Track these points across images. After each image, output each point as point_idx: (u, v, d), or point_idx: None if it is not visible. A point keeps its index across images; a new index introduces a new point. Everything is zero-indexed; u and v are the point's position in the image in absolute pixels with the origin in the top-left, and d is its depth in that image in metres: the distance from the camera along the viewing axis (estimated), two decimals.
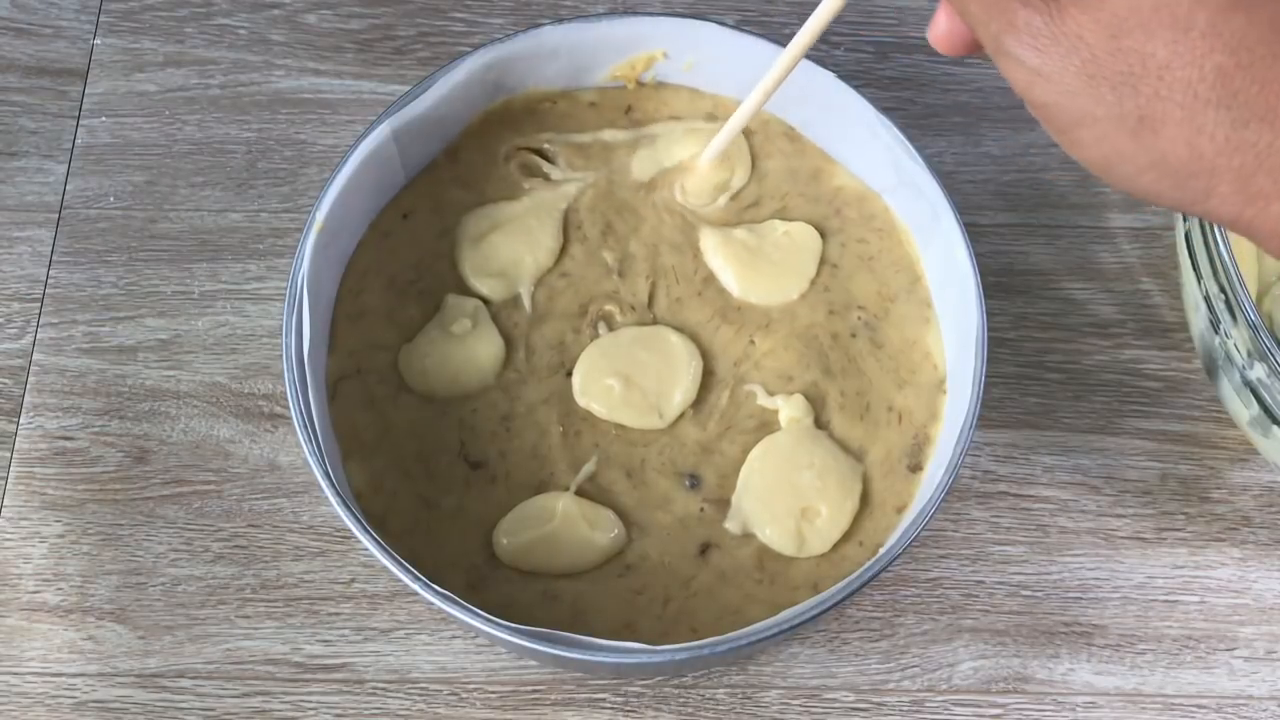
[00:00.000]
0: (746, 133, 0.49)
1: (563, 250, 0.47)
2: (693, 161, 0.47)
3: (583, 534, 0.43)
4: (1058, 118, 0.28)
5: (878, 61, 0.56)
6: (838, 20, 0.39)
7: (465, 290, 0.46)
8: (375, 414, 0.44)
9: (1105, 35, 0.27)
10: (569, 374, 0.45)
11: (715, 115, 0.49)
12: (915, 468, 0.44)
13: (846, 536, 0.43)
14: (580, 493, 0.44)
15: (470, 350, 0.45)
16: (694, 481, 0.44)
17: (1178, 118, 0.26)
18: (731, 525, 0.43)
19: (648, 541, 0.43)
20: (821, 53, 0.55)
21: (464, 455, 0.44)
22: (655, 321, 0.46)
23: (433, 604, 0.39)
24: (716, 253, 0.47)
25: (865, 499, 0.44)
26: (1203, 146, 0.27)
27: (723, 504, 0.44)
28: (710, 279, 0.47)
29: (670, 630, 0.42)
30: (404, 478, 0.44)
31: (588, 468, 0.44)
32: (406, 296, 0.46)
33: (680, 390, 0.45)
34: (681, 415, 0.45)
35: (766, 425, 0.44)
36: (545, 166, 0.48)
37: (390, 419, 0.44)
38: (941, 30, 0.33)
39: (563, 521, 0.43)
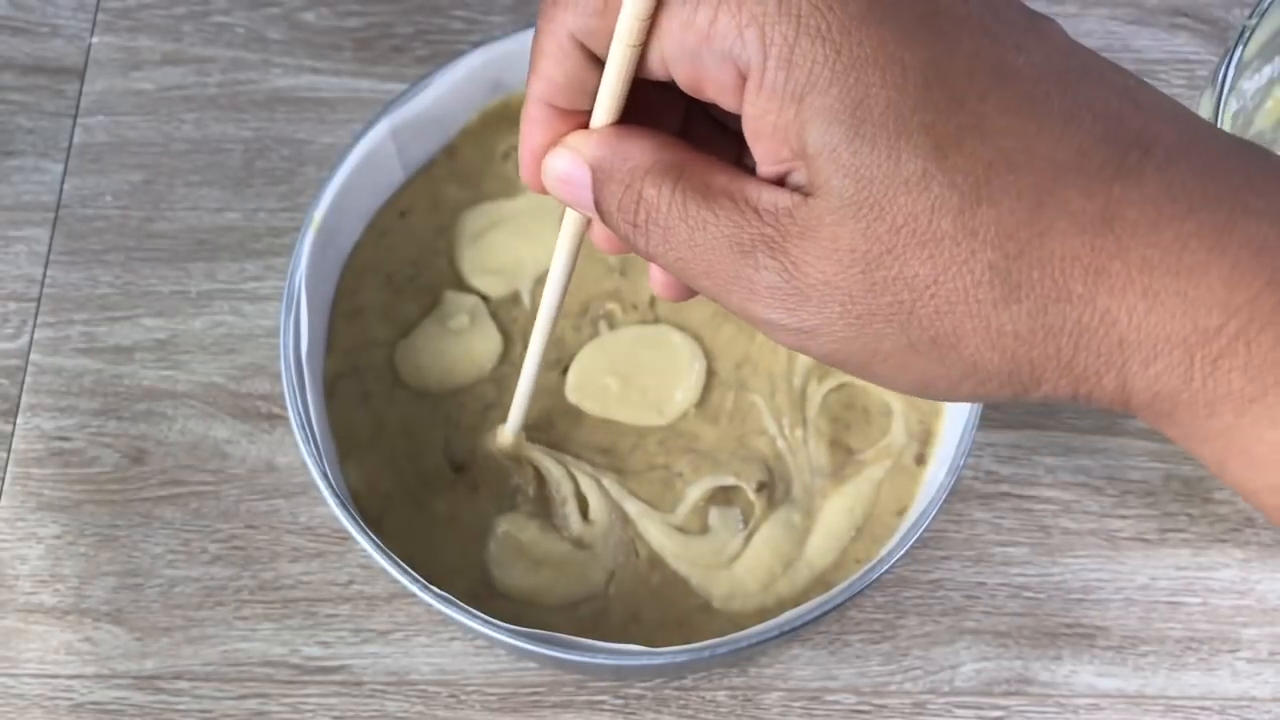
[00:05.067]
0: None
1: None
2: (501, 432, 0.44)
3: (580, 571, 0.43)
4: (847, 363, 0.25)
5: None
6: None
7: (464, 287, 0.46)
8: (370, 411, 0.44)
9: (855, 274, 0.24)
10: (565, 371, 0.45)
11: None
12: (920, 459, 0.44)
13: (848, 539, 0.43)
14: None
15: (467, 346, 0.45)
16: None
17: (971, 328, 0.24)
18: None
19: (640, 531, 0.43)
20: None
21: (447, 453, 0.44)
22: (657, 320, 0.46)
23: (431, 606, 0.39)
24: None
25: (867, 503, 0.44)
26: (1010, 347, 0.24)
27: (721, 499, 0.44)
28: None
29: (666, 620, 0.42)
30: (397, 477, 0.44)
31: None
32: (404, 294, 0.46)
33: (682, 389, 0.45)
34: (684, 414, 0.44)
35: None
36: None
37: (384, 415, 0.44)
38: (660, 281, 0.30)
39: (560, 565, 0.43)
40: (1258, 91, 0.46)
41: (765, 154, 0.25)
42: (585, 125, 0.27)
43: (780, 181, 0.25)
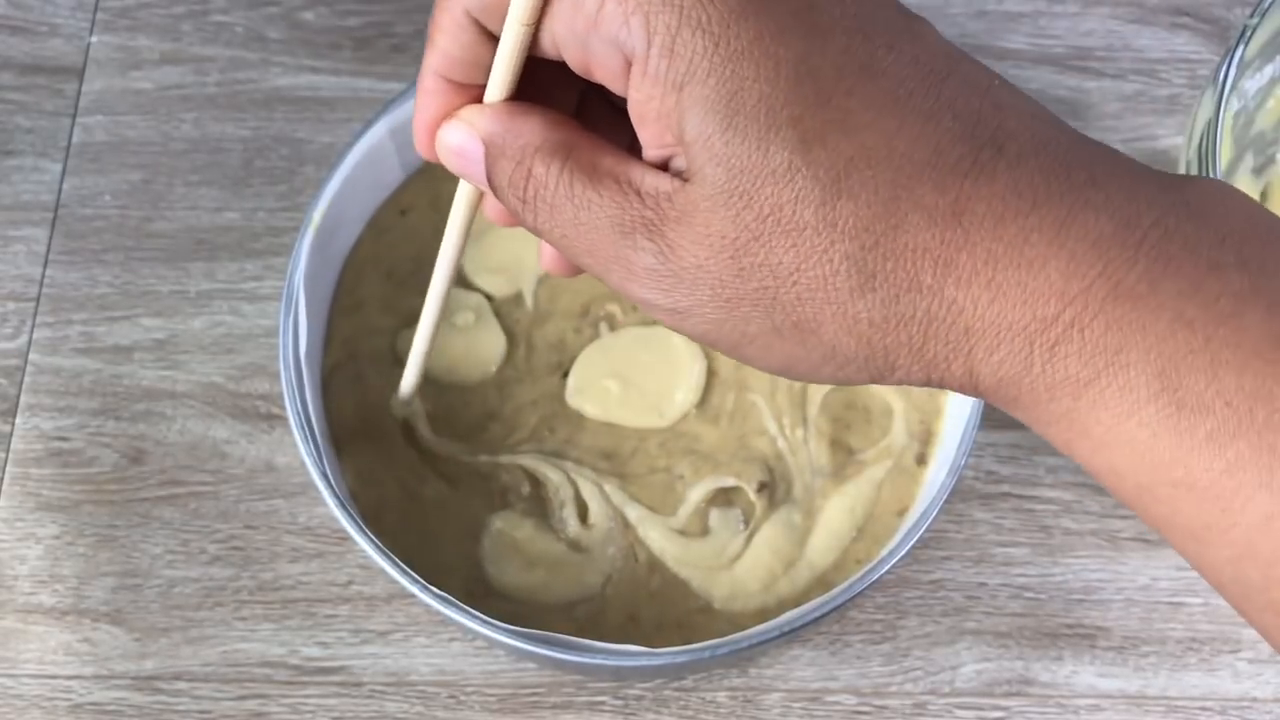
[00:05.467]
0: None
1: None
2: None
3: (575, 573, 0.42)
4: (718, 344, 0.27)
5: None
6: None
7: (466, 285, 0.46)
8: (362, 392, 0.44)
9: (725, 259, 0.25)
10: (565, 374, 0.45)
11: None
12: (921, 460, 0.44)
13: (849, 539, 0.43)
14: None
15: (471, 342, 0.45)
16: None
17: (830, 314, 0.25)
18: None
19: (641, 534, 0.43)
20: None
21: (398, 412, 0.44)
22: (657, 321, 0.46)
23: (430, 606, 0.38)
24: None
25: (867, 503, 0.44)
26: (865, 333, 0.25)
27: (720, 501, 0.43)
28: None
29: (665, 622, 0.42)
30: (387, 461, 0.43)
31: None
32: (406, 287, 0.46)
33: (682, 390, 0.44)
34: (685, 415, 0.44)
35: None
36: None
37: (378, 395, 0.44)
38: (549, 256, 0.31)
39: (554, 565, 0.43)
40: (1259, 91, 0.46)
41: (650, 139, 0.26)
42: (479, 99, 0.28)
43: (664, 166, 0.26)
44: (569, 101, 0.30)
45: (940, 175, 0.24)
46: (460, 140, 0.28)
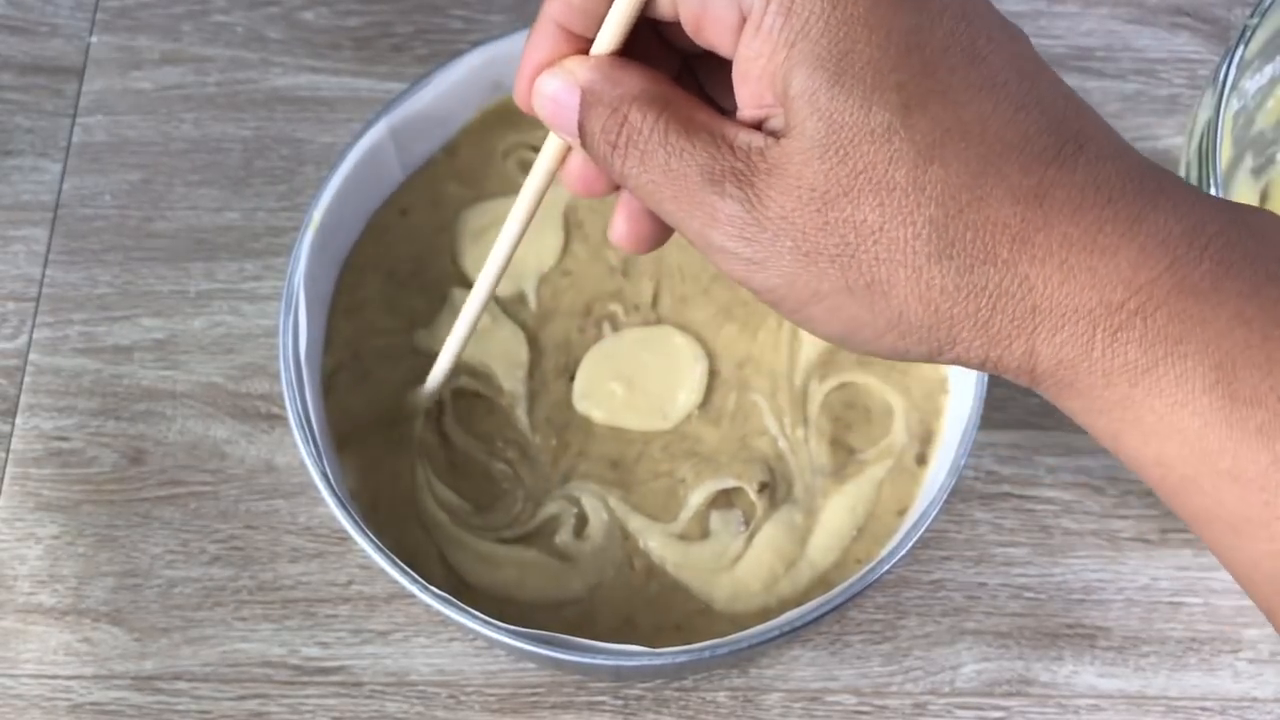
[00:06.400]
0: None
1: (564, 248, 0.47)
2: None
3: (554, 577, 0.42)
4: (785, 300, 0.27)
5: None
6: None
7: (468, 285, 0.46)
8: (369, 390, 0.44)
9: (811, 211, 0.26)
10: (572, 378, 0.45)
11: None
12: (921, 459, 0.44)
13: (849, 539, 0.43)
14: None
15: (494, 344, 0.45)
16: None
17: (904, 277, 0.26)
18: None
19: (639, 538, 0.43)
20: None
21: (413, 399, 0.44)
22: (659, 321, 0.46)
23: (430, 606, 0.38)
24: None
25: (868, 502, 0.44)
26: (935, 300, 0.26)
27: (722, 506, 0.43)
28: (720, 275, 0.46)
29: (664, 625, 0.42)
30: (393, 458, 0.43)
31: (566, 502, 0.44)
32: (408, 288, 0.46)
33: (685, 391, 0.44)
34: (687, 416, 0.44)
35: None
36: None
37: (388, 392, 0.44)
38: (622, 231, 0.32)
39: (523, 566, 0.42)
40: (1259, 91, 0.46)
41: (749, 97, 0.27)
42: (586, 53, 0.29)
43: (757, 127, 0.27)
44: (669, 73, 0.31)
45: (1027, 159, 0.25)
46: (557, 88, 0.29)
